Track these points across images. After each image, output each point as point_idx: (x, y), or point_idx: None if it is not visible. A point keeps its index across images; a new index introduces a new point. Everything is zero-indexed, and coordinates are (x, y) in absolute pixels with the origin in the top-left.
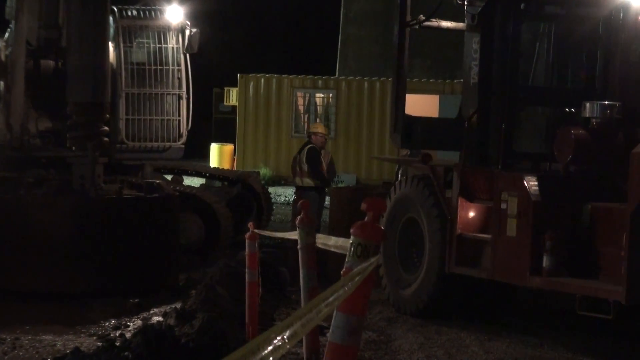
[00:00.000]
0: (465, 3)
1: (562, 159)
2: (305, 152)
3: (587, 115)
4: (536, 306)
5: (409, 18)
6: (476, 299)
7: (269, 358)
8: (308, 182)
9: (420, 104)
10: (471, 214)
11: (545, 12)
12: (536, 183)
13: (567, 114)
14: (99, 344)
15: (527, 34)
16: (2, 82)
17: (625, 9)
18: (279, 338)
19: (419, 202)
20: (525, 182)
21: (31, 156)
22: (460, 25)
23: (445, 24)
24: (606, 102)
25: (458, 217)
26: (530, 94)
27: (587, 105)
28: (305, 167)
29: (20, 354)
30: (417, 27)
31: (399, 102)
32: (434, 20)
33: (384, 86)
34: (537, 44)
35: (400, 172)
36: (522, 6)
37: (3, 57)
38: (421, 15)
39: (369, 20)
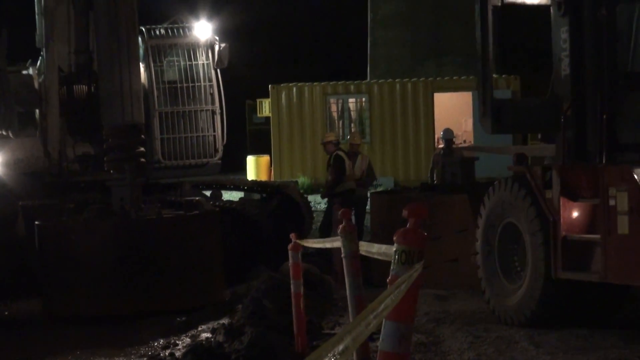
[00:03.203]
0: None
1: None
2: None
3: None
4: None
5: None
6: (586, 304)
7: None
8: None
9: (454, 102)
10: (575, 214)
11: None
12: None
13: None
14: None
15: (621, 15)
16: (37, 110)
17: None
18: (330, 354)
19: (517, 205)
20: (635, 175)
21: (70, 181)
22: (543, 0)
23: (530, 0)
24: None
25: (561, 219)
26: (630, 81)
27: None
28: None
29: None
30: (499, 4)
31: (487, 85)
32: None
33: (416, 87)
34: (633, 26)
35: (435, 172)
36: None
37: (37, 85)
38: None
39: (396, 21)
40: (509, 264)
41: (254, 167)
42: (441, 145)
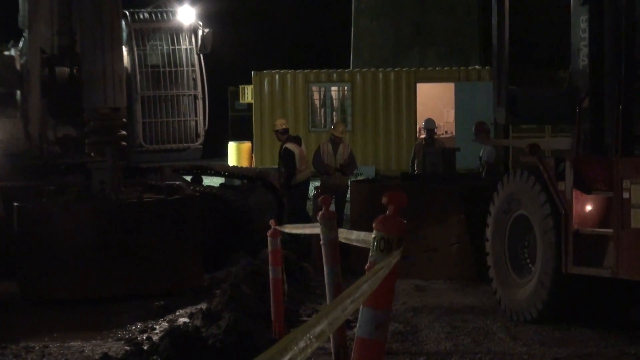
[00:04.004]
0: None
1: None
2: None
3: None
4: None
5: None
6: (598, 300)
7: (297, 358)
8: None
9: (436, 92)
10: (588, 207)
11: None
12: None
13: None
14: (127, 348)
15: None
16: (18, 92)
17: None
18: (306, 338)
19: (528, 197)
20: None
21: (51, 164)
22: None
23: None
24: None
25: (573, 212)
26: None
27: None
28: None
29: None
30: None
31: (501, 74)
32: None
33: (399, 76)
34: None
35: (416, 162)
36: None
37: (18, 67)
38: None
39: (380, 11)
40: (519, 258)
41: (236, 154)
42: (423, 135)
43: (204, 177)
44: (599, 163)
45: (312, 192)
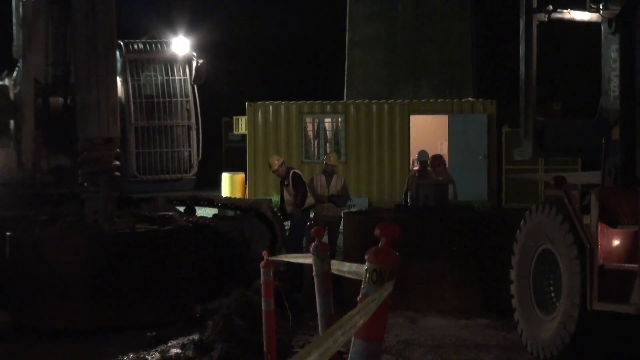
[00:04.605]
0: (601, 7)
1: None
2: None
3: None
4: None
5: (535, 5)
6: (624, 338)
7: None
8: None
9: (430, 124)
10: (615, 241)
11: None
12: None
13: None
14: None
15: None
16: (12, 121)
17: None
18: None
19: (553, 231)
20: None
21: (44, 193)
22: (593, 16)
23: (578, 15)
24: None
25: (599, 246)
26: None
27: None
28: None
29: None
30: (545, 19)
31: (529, 106)
32: (564, 10)
33: (392, 108)
34: None
35: (409, 194)
36: None
37: (12, 96)
38: (550, 6)
39: (374, 43)
40: (544, 294)
41: (229, 185)
42: (416, 167)
43: (197, 208)
44: (625, 196)
45: None
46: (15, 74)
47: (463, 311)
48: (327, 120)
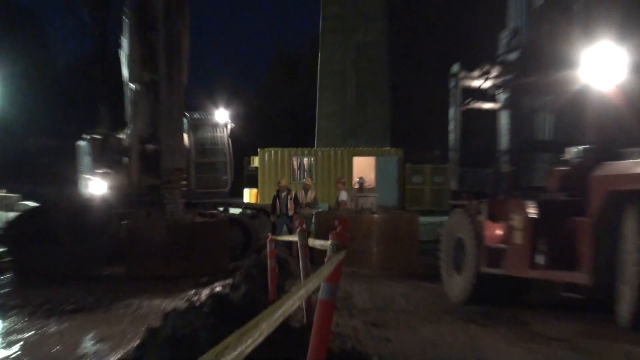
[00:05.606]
0: (497, 99)
1: (552, 189)
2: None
3: (568, 158)
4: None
5: (459, 102)
6: (499, 286)
7: (288, 310)
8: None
9: (365, 162)
10: (494, 231)
11: (537, 100)
12: (533, 206)
13: (557, 158)
14: (186, 304)
15: (530, 110)
16: (125, 159)
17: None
18: (291, 299)
19: (462, 226)
20: (526, 205)
21: (143, 200)
22: (495, 105)
23: (486, 105)
24: (582, 147)
25: (485, 234)
26: (527, 146)
27: (568, 150)
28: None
29: (142, 311)
30: (465, 109)
31: (455, 163)
32: (478, 102)
33: (343, 153)
34: (539, 116)
35: (352, 201)
36: (526, 96)
37: (127, 144)
38: (470, 99)
39: (334, 114)
40: (458, 263)
41: (249, 195)
42: (356, 186)
43: (230, 209)
44: (499, 204)
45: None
46: (127, 130)
47: (382, 269)
48: (305, 159)
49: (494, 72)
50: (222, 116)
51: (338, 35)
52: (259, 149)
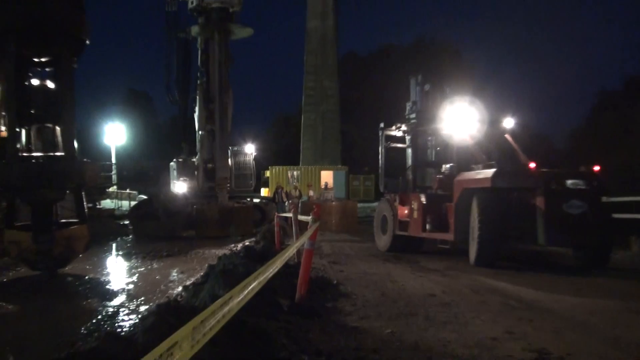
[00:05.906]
0: (407, 137)
1: (434, 188)
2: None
3: (443, 170)
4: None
5: (384, 143)
6: (408, 244)
7: (289, 254)
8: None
9: (327, 175)
10: (403, 211)
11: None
12: (424, 197)
13: (437, 171)
14: (228, 252)
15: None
16: (195, 172)
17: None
18: (290, 250)
19: (386, 208)
20: (420, 197)
21: (205, 195)
22: (404, 144)
23: (401, 145)
24: (449, 165)
25: (398, 213)
26: (423, 165)
27: (444, 166)
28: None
29: (205, 256)
30: (389, 146)
31: (381, 175)
32: (396, 144)
33: (315, 169)
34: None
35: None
36: (421, 138)
37: (196, 164)
38: (389, 142)
39: (310, 149)
40: (384, 227)
41: (265, 192)
42: (323, 187)
43: (253, 199)
44: (406, 196)
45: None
46: (197, 156)
47: (338, 233)
48: (295, 172)
49: (403, 126)
50: (249, 148)
51: (312, 105)
52: (269, 167)
